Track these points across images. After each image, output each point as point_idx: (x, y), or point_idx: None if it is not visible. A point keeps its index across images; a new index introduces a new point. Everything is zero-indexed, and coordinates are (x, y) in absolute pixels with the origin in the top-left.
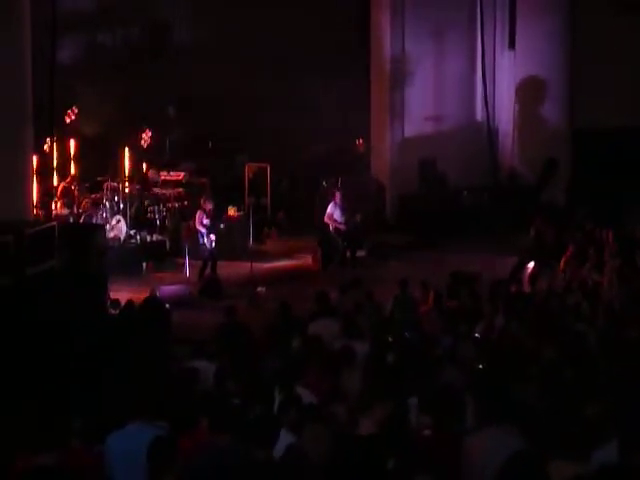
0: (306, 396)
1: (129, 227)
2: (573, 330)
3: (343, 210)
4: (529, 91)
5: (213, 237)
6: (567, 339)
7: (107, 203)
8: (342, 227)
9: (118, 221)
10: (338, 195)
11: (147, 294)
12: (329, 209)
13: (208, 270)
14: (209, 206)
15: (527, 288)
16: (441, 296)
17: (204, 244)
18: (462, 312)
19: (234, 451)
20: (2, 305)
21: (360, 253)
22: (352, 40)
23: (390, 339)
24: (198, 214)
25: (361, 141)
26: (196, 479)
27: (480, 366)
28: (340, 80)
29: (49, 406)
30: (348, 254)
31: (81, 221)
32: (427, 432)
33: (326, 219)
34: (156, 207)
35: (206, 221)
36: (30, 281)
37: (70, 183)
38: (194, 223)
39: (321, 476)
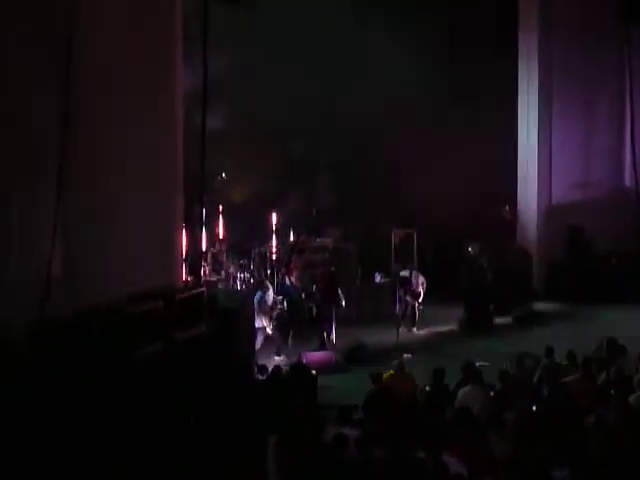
0: (454, 465)
1: (276, 293)
2: None
3: None
4: None
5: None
6: None
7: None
8: None
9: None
10: None
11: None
12: None
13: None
14: None
15: None
16: (590, 365)
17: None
18: (613, 382)
19: None
20: (151, 369)
21: (506, 320)
22: (501, 114)
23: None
24: None
25: (507, 207)
26: None
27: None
28: (485, 142)
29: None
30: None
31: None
32: None
33: None
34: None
35: None
36: (180, 346)
37: (219, 249)
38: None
39: None
